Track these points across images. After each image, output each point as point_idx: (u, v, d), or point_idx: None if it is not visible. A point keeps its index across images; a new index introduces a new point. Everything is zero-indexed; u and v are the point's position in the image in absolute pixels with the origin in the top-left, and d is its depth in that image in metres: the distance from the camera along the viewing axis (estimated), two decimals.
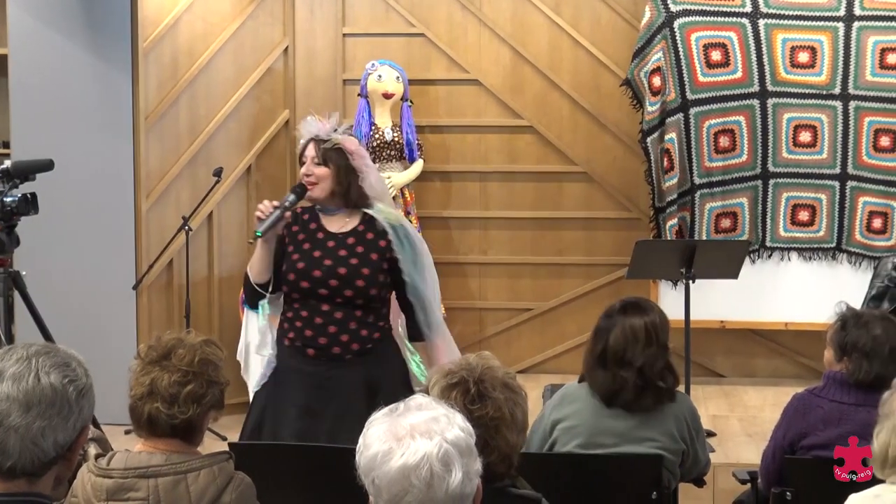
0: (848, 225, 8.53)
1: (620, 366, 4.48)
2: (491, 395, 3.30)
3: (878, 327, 4.46)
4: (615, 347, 4.49)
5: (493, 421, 3.22)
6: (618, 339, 4.50)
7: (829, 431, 4.41)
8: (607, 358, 4.50)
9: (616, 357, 4.48)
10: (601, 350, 4.52)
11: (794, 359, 8.88)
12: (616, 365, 4.48)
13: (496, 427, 3.23)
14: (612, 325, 4.54)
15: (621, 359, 4.48)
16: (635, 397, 4.48)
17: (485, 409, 3.26)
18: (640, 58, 8.54)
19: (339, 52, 9.20)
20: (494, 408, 3.28)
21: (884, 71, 8.40)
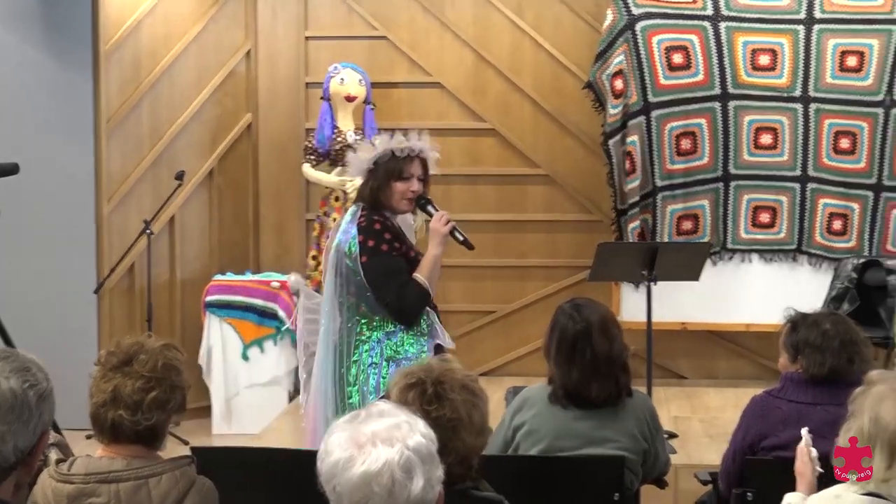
0: (808, 227, 8.58)
1: (609, 366, 4.50)
2: (448, 396, 3.30)
3: (827, 323, 4.54)
4: (601, 348, 4.51)
5: (450, 422, 3.21)
6: (601, 338, 4.52)
7: (789, 432, 4.44)
8: (598, 362, 4.51)
9: (605, 358, 4.50)
10: (590, 355, 4.52)
11: (755, 360, 8.92)
12: (606, 366, 4.50)
13: (454, 428, 3.23)
14: (580, 325, 4.56)
15: (609, 360, 4.50)
16: (600, 393, 4.50)
17: (442, 411, 3.26)
18: (602, 60, 8.57)
19: (301, 55, 9.19)
20: (451, 409, 3.28)
21: (843, 73, 8.45)
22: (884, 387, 3.23)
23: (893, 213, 8.45)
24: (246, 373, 8.33)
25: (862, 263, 7.70)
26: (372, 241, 5.35)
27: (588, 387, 4.50)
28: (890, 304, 7.16)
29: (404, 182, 5.47)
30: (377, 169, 5.47)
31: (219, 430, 8.25)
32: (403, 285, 5.34)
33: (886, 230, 8.47)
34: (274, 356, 8.37)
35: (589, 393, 4.50)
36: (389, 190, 5.46)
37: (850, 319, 4.69)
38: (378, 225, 5.40)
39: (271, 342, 8.36)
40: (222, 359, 8.31)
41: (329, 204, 8.72)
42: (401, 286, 5.34)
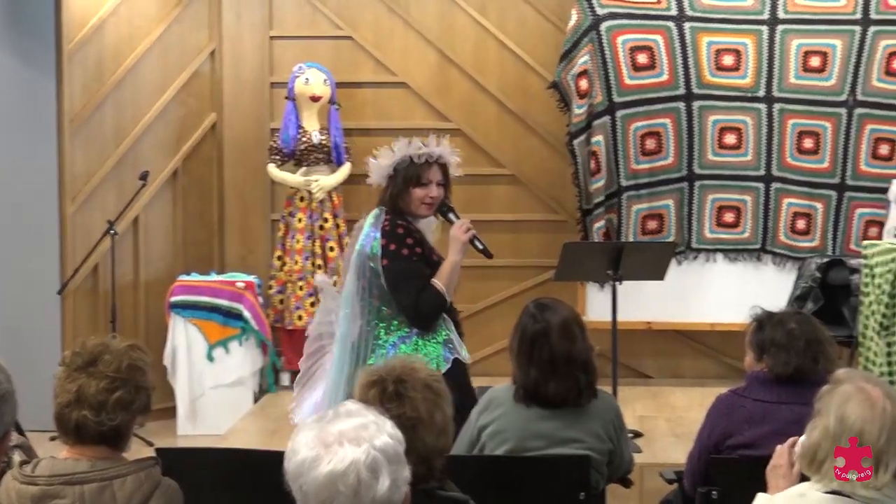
0: (772, 226, 8.62)
1: (568, 365, 4.51)
2: (409, 394, 3.31)
3: (793, 322, 4.56)
4: (559, 347, 4.51)
5: (409, 420, 3.21)
6: (560, 338, 4.53)
7: (754, 430, 4.45)
8: (556, 360, 4.51)
9: (563, 357, 4.51)
10: (548, 353, 4.53)
11: (719, 359, 8.95)
12: (565, 365, 4.51)
13: (413, 427, 3.22)
14: (546, 327, 4.56)
15: (568, 359, 4.51)
16: (558, 392, 4.51)
17: (401, 409, 3.26)
18: (566, 60, 8.58)
19: (266, 55, 9.17)
20: (411, 408, 3.28)
21: (807, 73, 8.49)
22: (850, 386, 3.25)
23: (857, 212, 8.50)
24: (211, 373, 8.31)
25: (825, 263, 7.74)
26: (393, 245, 5.49)
27: (546, 385, 4.51)
28: (853, 302, 7.19)
29: (423, 188, 5.59)
30: (396, 175, 5.59)
31: (184, 431, 8.22)
32: (421, 290, 5.47)
33: (849, 229, 8.52)
34: (239, 357, 8.35)
35: (547, 391, 4.51)
36: (408, 196, 5.58)
37: (815, 318, 4.72)
38: (401, 229, 5.54)
39: (236, 343, 8.34)
40: (187, 359, 8.28)
41: (294, 204, 8.70)
42: (419, 291, 5.46)
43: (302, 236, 8.62)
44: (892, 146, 8.42)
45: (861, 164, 8.48)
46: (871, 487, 3.13)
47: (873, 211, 8.39)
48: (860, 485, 3.13)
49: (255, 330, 8.33)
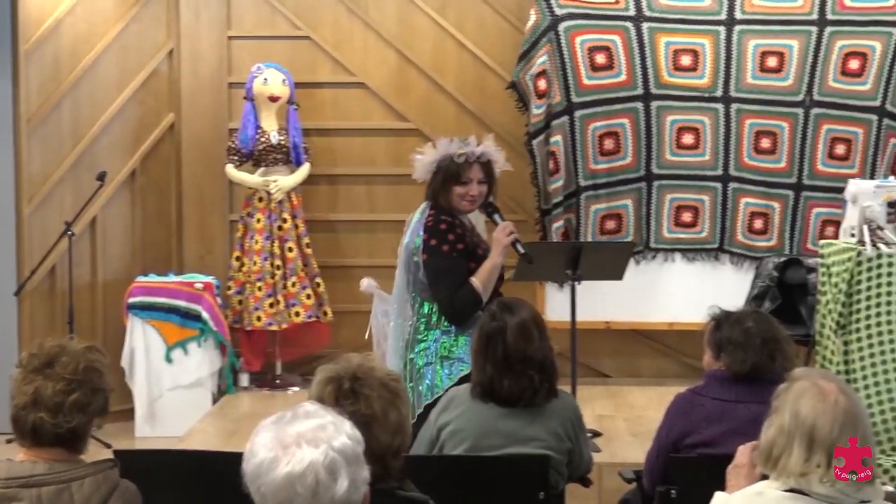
0: (730, 226, 8.66)
1: (523, 364, 4.52)
2: (363, 392, 3.30)
3: (750, 320, 4.59)
4: (515, 346, 4.53)
5: (363, 418, 3.20)
6: (516, 337, 4.54)
7: (712, 429, 4.48)
8: (510, 358, 4.53)
9: (518, 356, 4.52)
10: (502, 351, 4.54)
11: (678, 358, 8.98)
12: (520, 363, 4.52)
13: (367, 425, 3.21)
14: (503, 325, 4.58)
15: (523, 358, 4.52)
16: (512, 390, 4.53)
17: (356, 406, 3.26)
18: (525, 61, 8.59)
19: (224, 54, 9.14)
20: (366, 405, 3.28)
21: (764, 74, 8.53)
22: (804, 382, 3.27)
23: (813, 212, 8.55)
24: (169, 375, 8.27)
25: (783, 262, 7.76)
26: (434, 240, 5.66)
27: (500, 383, 4.53)
28: (810, 301, 7.22)
29: (463, 186, 5.75)
30: (438, 172, 5.77)
31: (142, 432, 8.18)
32: (458, 286, 5.61)
33: (806, 229, 8.57)
34: (197, 358, 8.31)
35: (501, 388, 4.53)
36: (449, 193, 5.76)
37: (773, 317, 4.75)
38: (444, 225, 5.71)
39: (195, 344, 8.30)
40: (145, 361, 8.24)
41: (252, 205, 8.68)
42: (455, 287, 5.61)
43: (261, 237, 8.60)
44: (849, 146, 8.47)
45: (818, 163, 8.53)
46: (826, 481, 3.15)
47: (830, 210, 8.44)
48: (817, 482, 3.15)
49: (214, 331, 8.30)
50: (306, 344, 8.92)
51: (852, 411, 3.20)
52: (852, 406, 3.21)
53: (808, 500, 3.18)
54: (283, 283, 8.64)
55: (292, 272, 8.65)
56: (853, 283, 6.36)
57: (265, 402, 8.37)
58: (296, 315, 8.67)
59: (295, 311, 8.66)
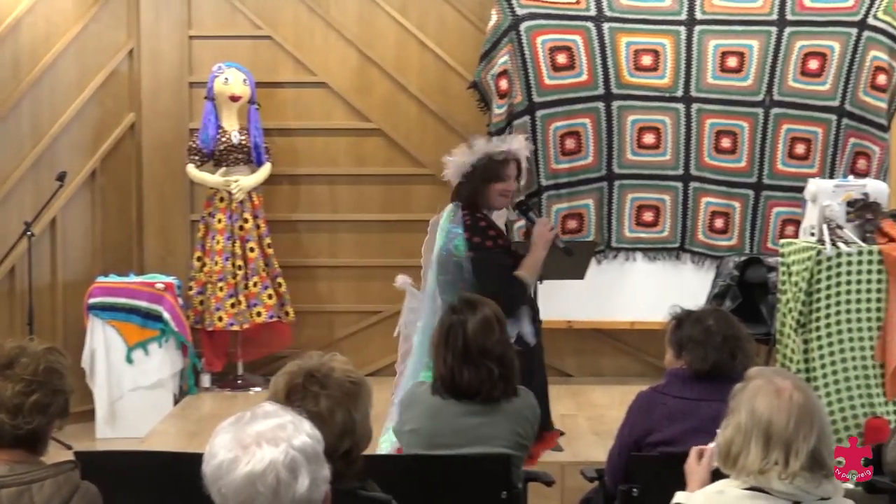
0: (691, 225, 8.69)
1: (483, 355, 4.53)
2: (313, 389, 3.30)
3: (710, 319, 4.62)
4: (474, 338, 4.54)
5: (308, 416, 3.20)
6: (476, 330, 4.56)
7: (674, 427, 4.49)
8: (469, 349, 4.54)
9: (478, 347, 4.53)
10: (462, 342, 4.55)
11: (639, 357, 9.01)
12: (479, 355, 4.53)
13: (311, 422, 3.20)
14: (464, 319, 4.59)
15: (483, 350, 4.54)
16: (472, 381, 4.53)
17: (303, 403, 3.26)
18: (486, 60, 8.59)
19: (185, 54, 9.10)
20: (313, 403, 3.28)
21: (724, 74, 8.57)
22: (760, 381, 3.29)
23: (774, 211, 8.60)
24: (130, 376, 8.23)
25: (743, 261, 7.80)
26: (478, 237, 5.93)
27: (460, 373, 4.54)
28: (771, 300, 7.26)
29: (503, 183, 6.05)
30: (474, 171, 6.06)
31: (102, 434, 8.15)
32: (508, 280, 5.93)
33: (767, 228, 8.62)
34: (158, 358, 8.28)
35: (462, 380, 4.54)
36: (488, 191, 6.04)
37: (733, 316, 4.77)
38: (483, 222, 6.03)
39: (156, 344, 8.27)
40: (106, 362, 8.20)
41: (214, 205, 8.65)
42: (504, 280, 5.93)
43: (222, 237, 8.57)
44: (808, 146, 8.52)
45: (778, 163, 8.58)
46: (784, 478, 3.16)
47: (790, 210, 8.48)
48: (776, 479, 3.17)
49: (175, 331, 8.27)
50: (268, 344, 8.90)
51: (808, 407, 3.22)
52: (808, 402, 3.23)
53: (768, 497, 3.20)
54: (245, 284, 8.62)
55: (254, 272, 8.64)
56: (813, 282, 6.40)
57: (227, 402, 8.35)
58: (257, 315, 8.65)
59: (256, 312, 8.64)
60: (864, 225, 6.56)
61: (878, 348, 6.46)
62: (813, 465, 3.18)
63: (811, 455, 3.18)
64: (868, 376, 6.43)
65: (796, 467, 3.16)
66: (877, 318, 6.47)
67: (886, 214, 6.64)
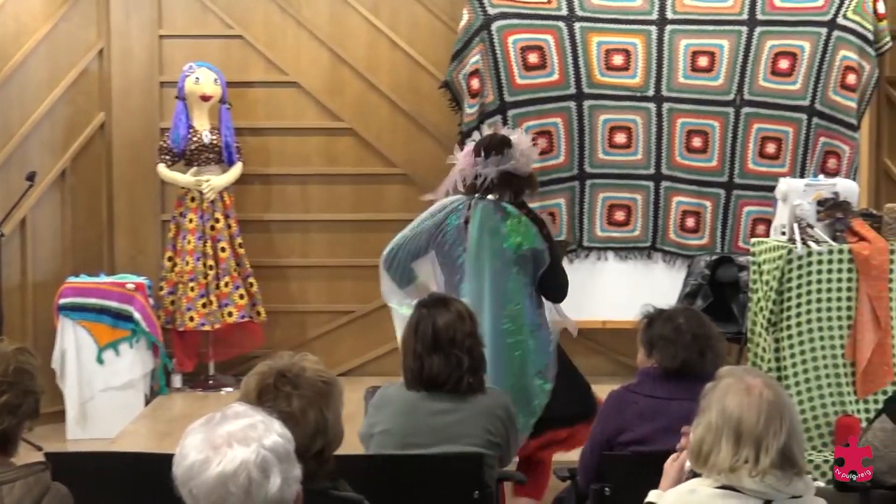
0: (662, 224, 8.71)
1: (452, 345, 4.54)
2: (284, 389, 3.30)
3: (681, 317, 4.64)
4: (444, 328, 4.55)
5: (280, 415, 3.19)
6: (446, 322, 4.57)
7: (646, 426, 4.50)
8: (438, 338, 4.55)
9: (447, 337, 4.54)
10: (431, 332, 4.56)
11: (611, 357, 9.02)
12: (448, 344, 4.54)
13: (283, 422, 3.19)
14: (435, 312, 4.60)
15: (452, 340, 4.55)
16: (441, 371, 4.54)
17: (275, 403, 3.26)
18: (458, 60, 8.59)
19: (155, 53, 9.07)
20: (285, 403, 3.28)
21: (695, 73, 8.59)
22: (731, 379, 3.31)
23: (745, 210, 8.62)
24: (101, 376, 8.21)
25: (714, 260, 7.83)
26: (545, 229, 6.01)
27: (430, 360, 4.54)
28: (742, 299, 7.28)
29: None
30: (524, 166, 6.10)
31: (73, 435, 8.12)
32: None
33: (738, 227, 8.64)
34: (129, 359, 8.26)
35: (431, 369, 4.54)
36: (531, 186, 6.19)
37: (704, 314, 4.79)
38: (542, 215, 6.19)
39: (127, 345, 8.25)
40: (76, 362, 8.18)
41: (185, 205, 8.63)
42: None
43: (193, 237, 8.55)
44: (779, 145, 8.55)
45: (749, 162, 8.60)
46: (754, 475, 3.17)
47: (761, 209, 8.51)
48: (746, 477, 3.18)
49: (146, 332, 8.25)
50: (239, 344, 8.89)
51: (778, 404, 3.23)
52: (778, 399, 3.24)
53: (740, 496, 3.21)
54: (216, 284, 8.60)
55: (225, 272, 8.62)
56: (784, 281, 6.41)
57: (198, 403, 8.33)
58: (229, 315, 8.63)
59: (228, 312, 8.63)
60: (835, 224, 6.58)
61: (849, 347, 6.48)
62: (783, 463, 3.19)
63: (781, 452, 3.18)
64: (839, 375, 6.45)
65: (766, 464, 3.17)
66: (847, 316, 6.49)
67: (857, 213, 6.67)
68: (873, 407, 6.30)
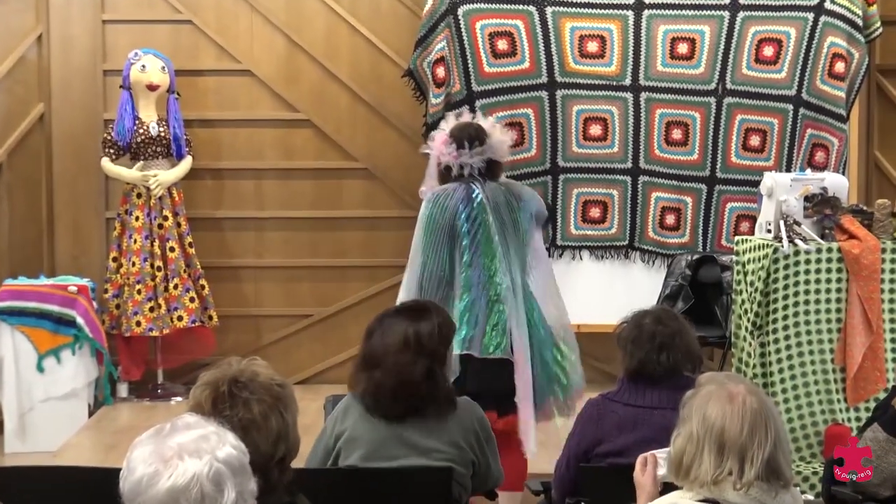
0: (640, 222, 8.72)
1: (433, 361, 4.49)
2: (242, 395, 3.29)
3: (648, 317, 4.64)
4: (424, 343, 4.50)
5: (241, 423, 3.18)
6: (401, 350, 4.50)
7: (625, 437, 4.50)
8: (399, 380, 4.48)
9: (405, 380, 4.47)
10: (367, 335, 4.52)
11: (587, 363, 8.96)
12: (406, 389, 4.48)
13: (245, 430, 3.18)
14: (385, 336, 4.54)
15: (409, 381, 4.47)
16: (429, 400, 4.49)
17: (233, 410, 3.24)
18: (422, 47, 8.59)
19: (98, 40, 9.04)
20: (245, 410, 3.27)
21: (674, 61, 8.61)
22: (712, 386, 3.31)
23: (728, 206, 8.64)
24: (41, 385, 8.17)
25: (696, 259, 7.85)
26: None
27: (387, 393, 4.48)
28: (725, 301, 7.30)
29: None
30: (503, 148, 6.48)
31: (12, 448, 8.08)
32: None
33: (720, 224, 8.66)
34: (72, 367, 8.22)
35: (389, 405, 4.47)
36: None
37: (680, 316, 4.79)
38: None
39: (69, 352, 8.21)
40: (15, 371, 8.13)
41: (131, 201, 8.60)
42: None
43: (139, 236, 8.53)
44: (764, 137, 8.58)
45: (731, 155, 8.63)
46: (739, 488, 3.18)
47: (745, 205, 8.53)
48: (730, 489, 3.18)
49: (90, 338, 8.22)
50: (190, 351, 8.86)
51: (762, 412, 3.23)
52: (762, 407, 3.24)
53: None
54: (165, 286, 8.58)
55: (174, 274, 8.59)
56: (770, 282, 6.44)
57: (146, 413, 8.31)
58: (178, 320, 8.61)
59: (177, 316, 8.60)
60: (823, 221, 6.62)
61: (839, 351, 6.51)
62: (769, 474, 3.20)
63: (767, 463, 3.19)
64: (828, 381, 6.49)
65: (751, 476, 3.18)
66: (836, 319, 6.52)
67: (846, 210, 6.70)
68: (864, 415, 6.32)
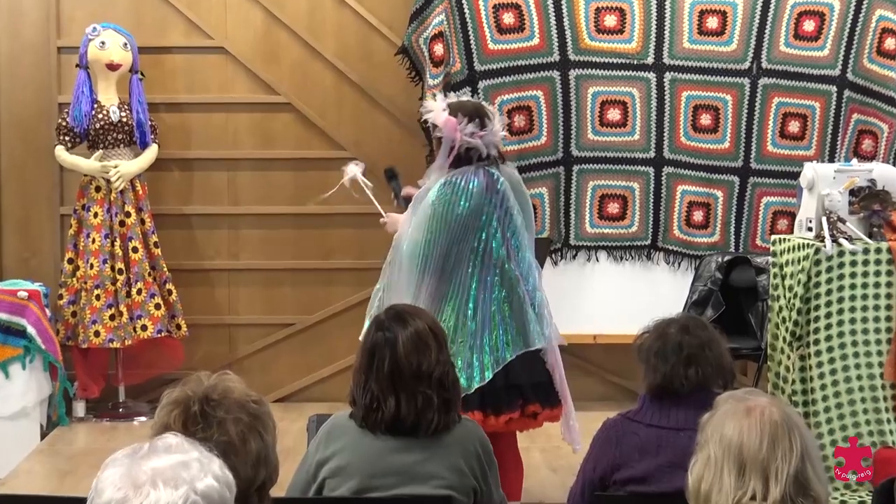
0: (665, 218, 8.73)
1: (383, 375, 4.50)
2: (216, 415, 3.29)
3: (673, 327, 4.62)
4: (409, 360, 4.51)
5: (217, 445, 3.18)
6: (411, 348, 4.52)
7: (647, 462, 4.50)
8: (402, 377, 4.51)
9: (411, 370, 4.50)
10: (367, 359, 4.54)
11: (604, 377, 9.04)
12: (414, 382, 4.50)
13: (223, 453, 3.18)
14: (375, 329, 4.58)
15: (418, 375, 4.50)
16: (420, 417, 4.51)
17: (207, 432, 3.25)
18: (418, 21, 8.60)
19: (51, 11, 9.04)
20: (221, 431, 3.27)
21: (703, 37, 8.62)
22: (729, 404, 3.31)
23: (763, 201, 8.66)
24: None
25: (727, 261, 7.86)
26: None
27: (388, 401, 4.50)
28: (761, 308, 7.32)
29: None
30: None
31: None
32: None
33: (755, 222, 8.68)
34: (22, 382, 8.23)
35: (390, 411, 4.50)
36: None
37: (710, 325, 4.77)
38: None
39: (18, 365, 8.22)
40: None
41: (88, 195, 8.60)
42: None
43: (98, 235, 8.53)
44: (804, 122, 8.59)
45: (767, 144, 8.65)
46: None
47: (782, 200, 8.56)
48: None
49: (42, 349, 8.22)
50: (155, 364, 8.87)
51: (785, 423, 3.22)
52: (784, 418, 3.23)
53: None
54: (127, 291, 8.58)
55: (138, 277, 8.60)
56: (811, 287, 6.45)
57: (106, 434, 8.32)
58: (142, 329, 8.61)
59: (141, 325, 8.61)
60: (871, 217, 6.63)
61: (889, 365, 6.52)
62: (798, 491, 3.18)
63: (794, 478, 3.18)
64: (877, 398, 6.49)
65: (777, 495, 3.17)
66: (886, 328, 6.53)
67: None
68: None
